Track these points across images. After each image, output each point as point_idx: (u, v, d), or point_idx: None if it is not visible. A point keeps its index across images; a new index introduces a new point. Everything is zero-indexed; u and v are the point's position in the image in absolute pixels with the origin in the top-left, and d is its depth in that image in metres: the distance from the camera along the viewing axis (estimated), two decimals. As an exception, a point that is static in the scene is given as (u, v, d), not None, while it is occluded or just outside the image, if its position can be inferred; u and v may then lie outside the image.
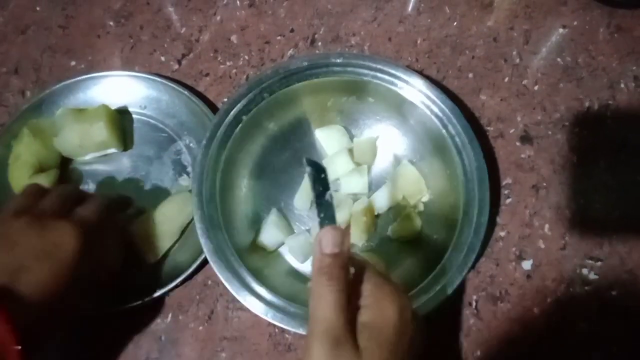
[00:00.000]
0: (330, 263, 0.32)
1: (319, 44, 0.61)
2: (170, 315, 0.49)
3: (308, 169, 0.34)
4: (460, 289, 0.50)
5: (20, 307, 0.34)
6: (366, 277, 0.33)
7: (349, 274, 0.33)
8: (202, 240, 0.45)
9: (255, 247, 0.50)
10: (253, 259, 0.48)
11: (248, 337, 0.48)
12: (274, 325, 0.47)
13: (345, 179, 0.52)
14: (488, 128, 0.56)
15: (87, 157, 0.54)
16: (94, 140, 0.52)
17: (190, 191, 0.47)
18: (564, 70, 0.58)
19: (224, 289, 0.49)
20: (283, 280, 0.48)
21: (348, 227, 0.36)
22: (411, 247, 0.50)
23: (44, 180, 0.50)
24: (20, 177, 0.50)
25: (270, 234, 0.49)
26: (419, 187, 0.52)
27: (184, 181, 0.54)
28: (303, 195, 0.52)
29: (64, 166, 0.54)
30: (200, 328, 0.49)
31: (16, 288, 0.35)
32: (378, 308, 0.32)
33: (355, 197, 0.52)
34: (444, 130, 0.48)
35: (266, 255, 0.50)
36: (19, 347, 0.33)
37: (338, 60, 0.50)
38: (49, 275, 0.37)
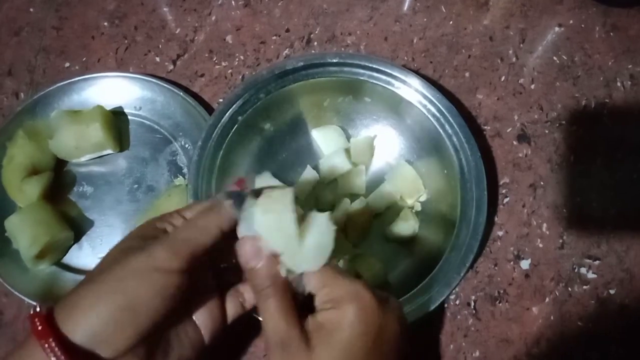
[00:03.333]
0: (256, 275, 0.31)
1: (315, 43, 0.61)
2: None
3: (228, 202, 0.32)
4: (459, 290, 0.49)
5: None
6: (322, 277, 0.32)
7: (282, 275, 0.31)
8: (199, 242, 0.44)
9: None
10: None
11: (245, 339, 0.48)
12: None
13: (342, 179, 0.52)
14: (485, 127, 0.56)
15: (83, 159, 0.54)
16: (90, 142, 0.52)
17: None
18: (560, 69, 0.58)
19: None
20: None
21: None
22: (409, 248, 0.50)
23: (37, 182, 0.50)
24: (13, 179, 0.50)
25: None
26: (416, 187, 0.51)
27: (180, 182, 0.53)
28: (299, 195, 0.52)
29: (59, 168, 0.54)
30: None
31: None
32: (335, 307, 0.30)
33: (352, 197, 0.52)
34: (440, 130, 0.48)
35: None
36: None
37: (334, 60, 0.50)
38: None
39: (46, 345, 0.26)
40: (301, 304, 0.32)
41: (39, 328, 0.27)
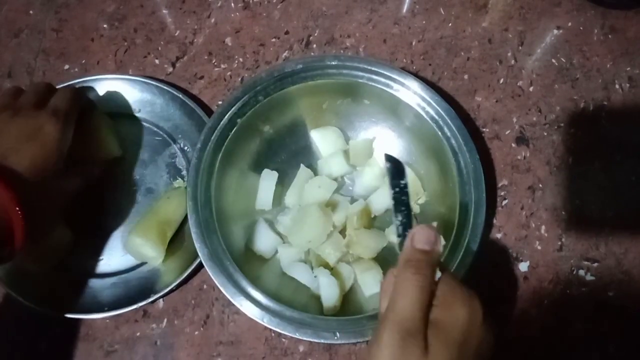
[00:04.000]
0: (419, 258, 0.33)
1: (314, 46, 0.61)
2: (165, 320, 0.49)
3: (387, 164, 0.37)
4: (457, 291, 0.49)
5: (15, 180, 0.39)
6: (442, 279, 0.33)
7: (435, 274, 0.33)
8: (197, 245, 0.44)
9: (251, 251, 0.50)
10: (248, 263, 0.47)
11: (244, 342, 0.48)
12: (270, 330, 0.47)
13: (342, 181, 0.52)
14: (484, 129, 0.56)
15: None
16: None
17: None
18: (559, 71, 0.59)
19: (219, 294, 0.49)
20: (279, 285, 0.48)
21: (439, 227, 0.37)
22: (407, 250, 0.50)
23: None
24: None
25: (263, 242, 0.49)
26: (415, 189, 0.52)
27: (179, 185, 0.53)
28: (294, 193, 0.52)
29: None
30: (196, 333, 0.49)
31: (8, 167, 0.40)
32: (449, 309, 0.32)
33: (352, 199, 0.52)
34: (439, 132, 0.48)
35: (261, 260, 0.50)
36: (20, 212, 0.38)
37: (333, 63, 0.50)
38: (36, 154, 0.41)
39: None
40: None
41: None
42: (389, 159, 0.37)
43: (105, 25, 0.62)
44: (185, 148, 0.55)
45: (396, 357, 0.30)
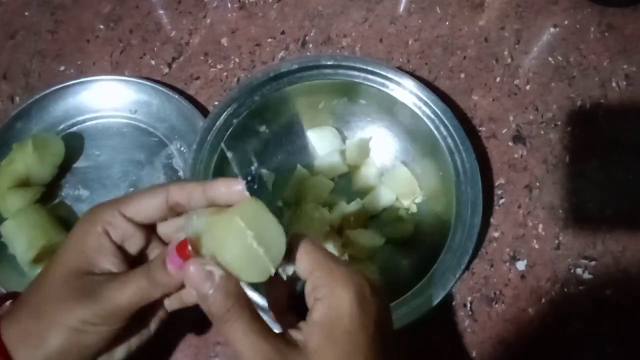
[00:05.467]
0: (213, 301, 0.27)
1: (310, 46, 0.61)
2: (162, 321, 0.49)
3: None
4: (455, 291, 0.49)
5: None
6: (312, 261, 0.29)
7: (242, 291, 0.28)
8: (194, 245, 0.44)
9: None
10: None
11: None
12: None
13: (338, 181, 0.52)
14: (480, 128, 0.56)
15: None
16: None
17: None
18: (556, 70, 0.58)
19: (216, 294, 0.49)
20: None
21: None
22: (404, 249, 0.50)
23: (21, 196, 0.49)
24: (2, 183, 0.49)
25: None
26: (412, 188, 0.51)
27: (176, 186, 0.53)
28: (290, 193, 0.52)
29: (62, 170, 0.54)
30: (194, 333, 0.48)
31: None
32: (331, 299, 0.28)
33: (348, 199, 0.52)
34: (435, 132, 0.48)
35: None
36: None
37: (329, 63, 0.50)
38: None
39: None
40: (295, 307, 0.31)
41: None
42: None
43: (101, 26, 0.62)
44: (182, 149, 0.55)
45: None
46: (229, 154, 0.28)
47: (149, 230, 0.34)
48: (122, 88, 0.56)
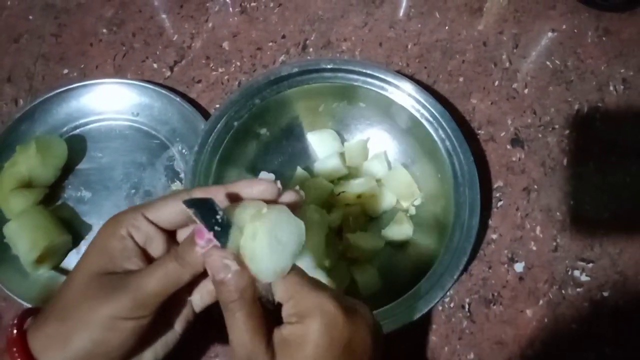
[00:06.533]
0: (224, 287, 0.29)
1: (310, 49, 0.61)
2: (163, 322, 0.49)
3: (192, 210, 0.29)
4: (453, 292, 0.50)
5: None
6: (290, 289, 0.30)
7: (254, 289, 0.30)
8: (195, 247, 0.45)
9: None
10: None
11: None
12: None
13: (339, 184, 0.52)
14: (479, 131, 0.56)
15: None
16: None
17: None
18: (553, 74, 0.59)
19: (217, 295, 0.49)
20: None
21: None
22: (403, 251, 0.50)
23: (24, 198, 0.49)
24: (6, 185, 0.50)
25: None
26: (411, 190, 0.52)
27: (177, 187, 0.54)
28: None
29: (64, 172, 0.54)
30: (194, 333, 0.49)
31: None
32: (299, 322, 0.29)
33: (348, 201, 0.52)
34: (434, 134, 0.49)
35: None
36: None
37: (329, 66, 0.50)
38: None
39: None
40: (273, 314, 0.31)
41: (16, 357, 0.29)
42: (191, 204, 0.29)
43: (104, 30, 0.63)
44: (183, 151, 0.55)
45: None
46: (190, 211, 0.29)
47: (171, 236, 0.34)
48: (124, 91, 0.56)
